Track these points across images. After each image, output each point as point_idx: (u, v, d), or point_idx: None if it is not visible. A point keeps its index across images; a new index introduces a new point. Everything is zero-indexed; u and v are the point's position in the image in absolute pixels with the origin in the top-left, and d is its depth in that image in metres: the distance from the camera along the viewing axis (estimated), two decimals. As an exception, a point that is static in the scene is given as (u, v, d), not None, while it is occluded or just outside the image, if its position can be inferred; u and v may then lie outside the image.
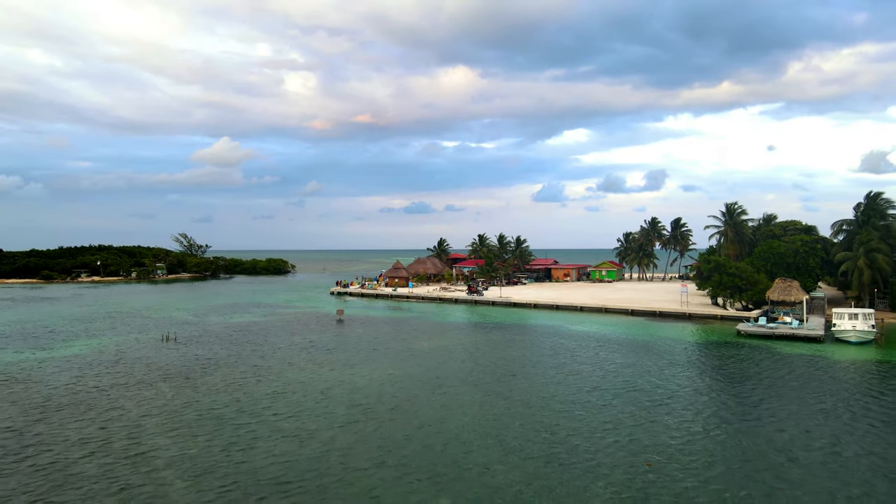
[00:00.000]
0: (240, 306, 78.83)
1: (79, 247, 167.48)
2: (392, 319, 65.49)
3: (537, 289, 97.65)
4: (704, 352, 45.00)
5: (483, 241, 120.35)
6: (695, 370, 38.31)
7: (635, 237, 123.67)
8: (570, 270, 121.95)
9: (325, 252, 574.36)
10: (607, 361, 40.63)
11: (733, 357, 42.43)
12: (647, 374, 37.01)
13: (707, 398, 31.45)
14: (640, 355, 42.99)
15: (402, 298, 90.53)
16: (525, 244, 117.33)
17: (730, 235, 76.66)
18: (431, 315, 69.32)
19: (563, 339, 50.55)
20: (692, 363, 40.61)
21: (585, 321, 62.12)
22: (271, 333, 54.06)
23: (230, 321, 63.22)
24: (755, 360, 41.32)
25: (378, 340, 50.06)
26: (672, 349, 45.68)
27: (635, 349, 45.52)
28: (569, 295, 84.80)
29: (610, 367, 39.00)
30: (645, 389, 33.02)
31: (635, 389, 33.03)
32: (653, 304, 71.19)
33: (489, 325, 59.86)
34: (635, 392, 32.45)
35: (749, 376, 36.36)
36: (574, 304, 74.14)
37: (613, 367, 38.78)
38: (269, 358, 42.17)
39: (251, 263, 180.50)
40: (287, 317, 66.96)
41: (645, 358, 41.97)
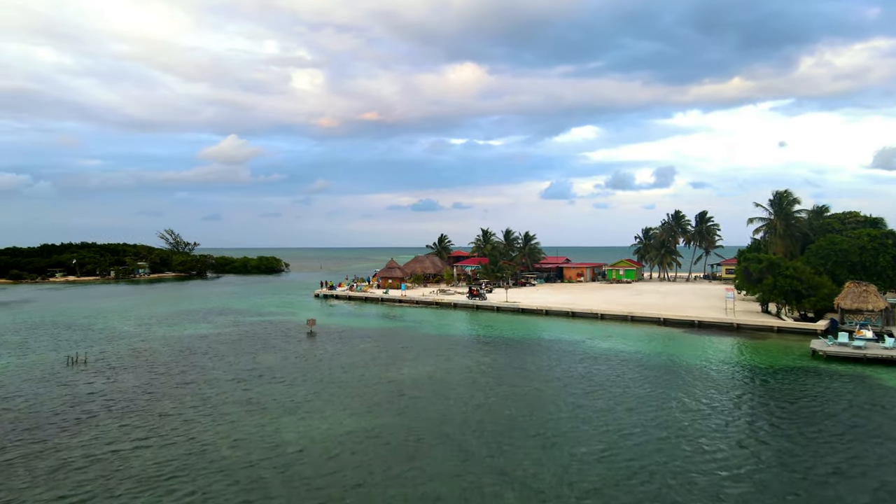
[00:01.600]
0: (203, 313, 67.75)
1: (58, 244, 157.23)
2: (375, 331, 54.15)
3: (548, 291, 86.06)
4: (778, 385, 33.28)
5: (487, 238, 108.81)
6: (782, 418, 26.68)
7: (656, 233, 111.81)
8: (584, 270, 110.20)
9: (332, 250, 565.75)
10: (653, 404, 29.09)
11: (822, 395, 30.73)
12: (715, 433, 25.42)
13: (812, 480, 19.86)
14: (692, 392, 31.39)
15: (394, 303, 79.19)
16: (534, 241, 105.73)
17: (779, 229, 64.73)
18: (424, 324, 57.98)
19: (586, 362, 39.02)
20: (768, 406, 28.95)
21: (609, 334, 50.58)
22: (217, 353, 42.87)
23: (178, 334, 52.10)
24: (855, 401, 29.63)
25: (348, 364, 38.75)
26: (732, 380, 34.07)
27: (682, 379, 33.92)
28: (585, 299, 73.19)
29: (661, 419, 27.46)
30: (720, 467, 21.47)
31: (705, 471, 21.47)
32: (688, 311, 59.50)
33: (492, 341, 48.41)
34: (710, 478, 20.91)
35: (867, 432, 24.73)
36: (593, 311, 62.55)
37: (665, 420, 27.23)
38: (186, 397, 30.92)
39: (242, 262, 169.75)
40: (251, 327, 55.79)
41: (700, 397, 30.37)
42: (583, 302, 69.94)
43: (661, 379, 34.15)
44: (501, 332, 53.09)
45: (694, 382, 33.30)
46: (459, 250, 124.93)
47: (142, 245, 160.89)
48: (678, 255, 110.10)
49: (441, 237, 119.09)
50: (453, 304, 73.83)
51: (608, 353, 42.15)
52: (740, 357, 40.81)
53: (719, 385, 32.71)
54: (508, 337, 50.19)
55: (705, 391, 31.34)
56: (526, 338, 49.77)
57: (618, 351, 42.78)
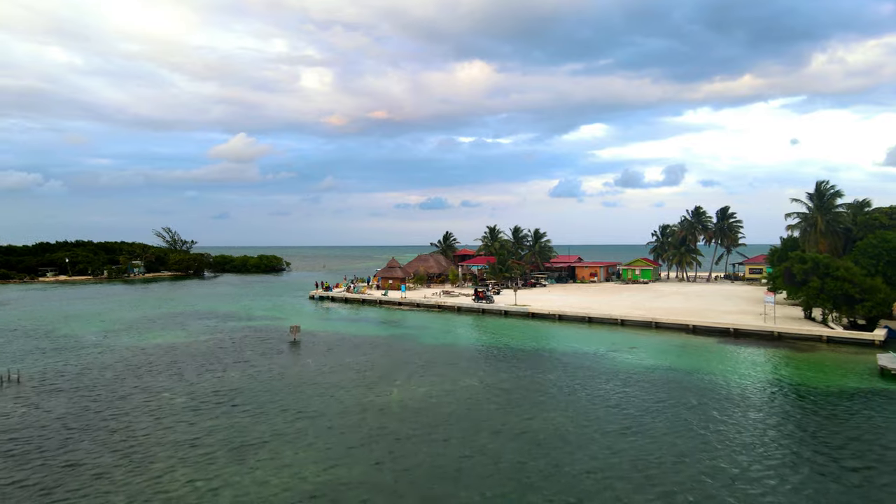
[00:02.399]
0: (183, 317, 61.89)
1: (52, 243, 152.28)
2: (368, 341, 47.98)
3: (560, 292, 79.63)
4: (851, 416, 26.79)
5: (495, 235, 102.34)
6: (870, 467, 20.25)
7: (674, 230, 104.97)
8: (598, 269, 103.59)
9: (341, 248, 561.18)
10: (707, 448, 22.70)
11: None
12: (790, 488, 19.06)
13: None
14: (750, 428, 24.96)
15: (393, 305, 73.03)
16: (545, 239, 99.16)
17: (820, 225, 57.90)
18: (423, 332, 51.79)
19: (613, 383, 32.66)
20: (850, 448, 22.52)
21: (633, 344, 44.18)
22: (178, 369, 36.86)
23: (144, 344, 46.18)
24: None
25: (329, 385, 32.62)
26: (795, 408, 27.62)
27: (734, 409, 27.50)
28: (602, 302, 66.72)
29: (725, 476, 21.09)
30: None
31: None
32: (720, 317, 52.94)
33: (499, 354, 42.09)
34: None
35: None
36: (612, 317, 56.12)
37: (734, 479, 20.86)
38: (114, 435, 24.87)
39: (241, 261, 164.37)
40: (229, 335, 49.80)
41: (768, 437, 23.97)
42: (599, 305, 63.49)
43: (709, 408, 27.74)
44: (510, 341, 46.79)
45: (749, 413, 26.89)
46: (466, 248, 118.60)
47: (137, 243, 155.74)
48: (698, 254, 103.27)
49: (446, 234, 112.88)
50: (457, 307, 67.57)
51: (637, 370, 35.74)
52: (791, 374, 34.30)
53: (783, 414, 26.30)
54: (518, 348, 43.88)
55: (765, 426, 24.93)
56: (538, 349, 43.44)
57: (648, 367, 36.37)
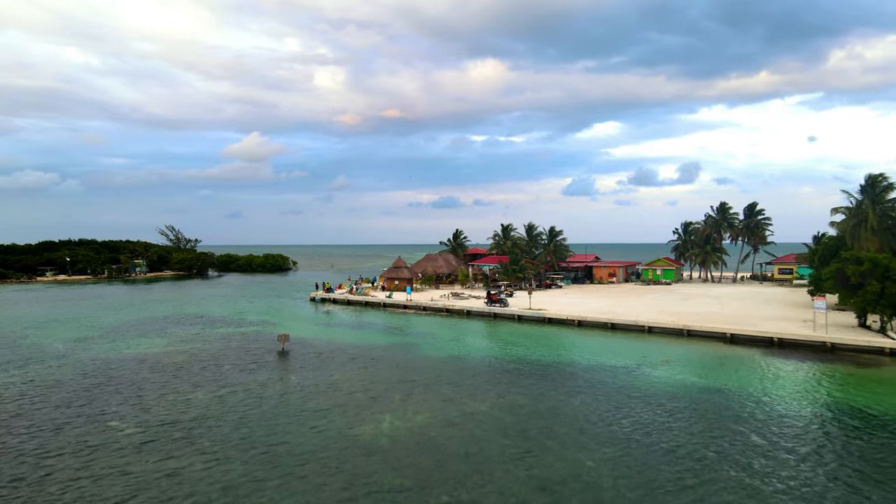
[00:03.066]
0: (168, 322, 57.10)
1: (56, 241, 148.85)
2: (365, 351, 42.77)
3: (578, 294, 73.97)
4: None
5: (508, 233, 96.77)
6: None
7: (698, 228, 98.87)
8: (616, 269, 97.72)
9: (353, 247, 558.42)
10: None
11: None
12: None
13: None
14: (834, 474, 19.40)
15: (398, 309, 67.80)
16: (560, 237, 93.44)
17: (872, 221, 51.76)
18: (428, 340, 46.52)
19: (649, 408, 27.08)
20: None
21: (666, 356, 38.57)
22: (140, 388, 31.89)
23: (112, 355, 41.28)
24: None
25: (310, 411, 27.41)
26: (872, 443, 21.99)
27: (799, 439, 21.91)
28: (624, 305, 61.02)
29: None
30: None
31: None
32: (760, 324, 47.09)
33: (512, 369, 36.67)
34: None
35: None
36: (638, 323, 50.52)
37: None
38: (22, 487, 19.84)
39: (246, 260, 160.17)
40: (211, 345, 44.80)
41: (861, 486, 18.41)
42: (622, 309, 57.84)
43: (779, 451, 22.17)
44: (525, 352, 41.36)
45: (827, 454, 21.30)
46: (477, 247, 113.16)
47: (140, 241, 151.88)
48: (724, 253, 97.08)
49: (456, 233, 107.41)
50: (467, 311, 62.19)
51: (676, 391, 30.16)
52: (861, 399, 28.59)
53: (862, 454, 20.69)
54: (535, 361, 38.44)
55: (850, 469, 19.35)
56: (558, 363, 37.97)
57: (688, 388, 30.79)
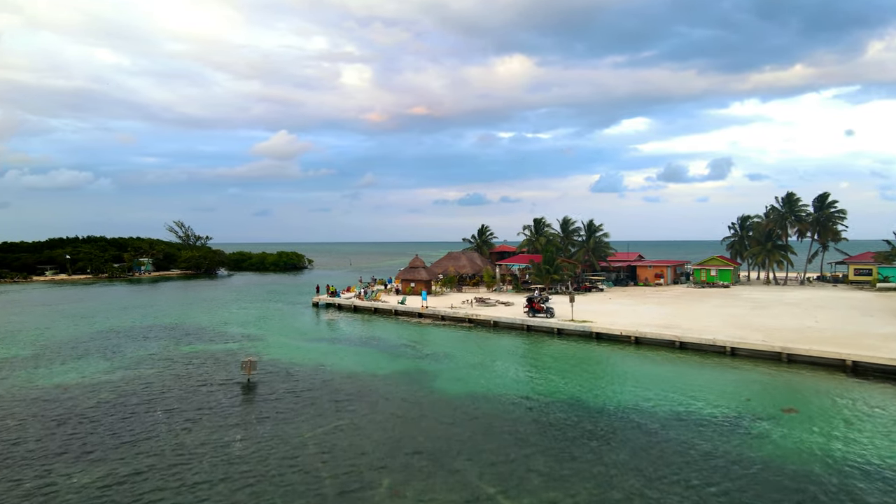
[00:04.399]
0: (131, 335, 47.38)
1: (63, 238, 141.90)
2: (357, 385, 32.15)
3: (624, 298, 62.33)
4: None
5: (540, 229, 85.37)
6: None
7: (757, 222, 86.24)
8: (664, 269, 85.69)
9: (379, 244, 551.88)
10: None
11: None
12: None
13: None
14: None
15: (412, 318, 57.14)
16: (600, 232, 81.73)
17: None
18: (445, 367, 35.71)
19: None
20: None
21: (776, 398, 27.04)
22: (38, 444, 21.80)
23: (36, 385, 31.40)
24: None
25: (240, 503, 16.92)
26: None
27: None
28: (686, 315, 49.37)
29: None
30: None
31: None
32: (886, 346, 35.18)
33: (561, 421, 25.52)
34: None
35: None
36: (714, 342, 38.96)
37: None
38: None
39: (259, 258, 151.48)
40: (164, 370, 34.65)
41: None
42: (685, 321, 46.30)
43: None
44: (574, 387, 30.25)
45: None
46: (505, 245, 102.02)
47: (145, 238, 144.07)
48: (790, 251, 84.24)
49: (482, 228, 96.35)
50: (493, 321, 51.22)
51: (842, 479, 18.79)
52: None
53: None
54: (588, 404, 27.32)
55: None
56: (623, 407, 26.76)
57: (855, 468, 19.41)
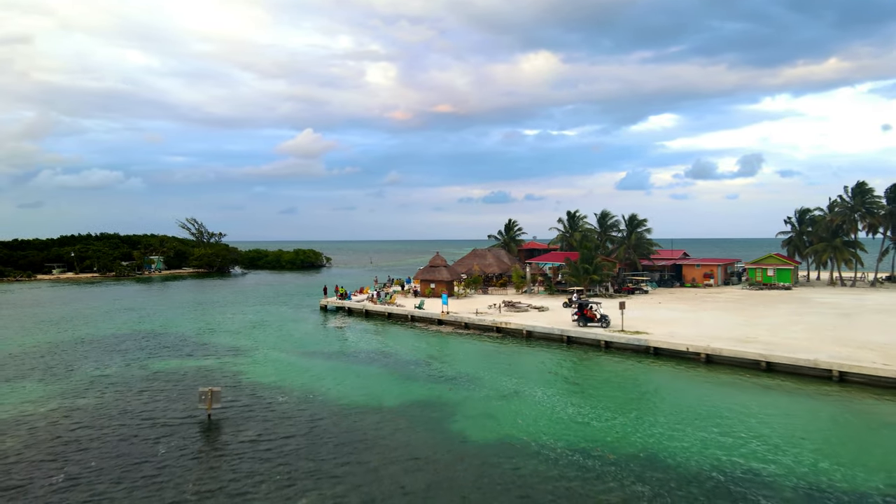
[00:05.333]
0: (93, 348, 40.46)
1: (73, 235, 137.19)
2: (353, 423, 24.46)
3: (674, 302, 53.58)
4: None
5: (575, 223, 76.81)
6: None
7: (821, 216, 76.49)
8: (714, 269, 76.49)
9: (404, 242, 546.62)
10: None
11: None
12: None
13: None
14: None
15: (431, 325, 49.32)
16: (643, 227, 72.84)
17: None
18: (468, 396, 27.80)
19: None
20: None
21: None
22: None
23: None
24: None
25: None
26: None
27: None
28: (759, 324, 40.56)
29: None
30: None
31: None
32: None
33: (630, 491, 17.41)
34: None
35: None
36: (813, 364, 30.29)
37: None
38: None
39: (275, 256, 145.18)
40: (109, 402, 27.28)
41: None
42: (762, 332, 37.64)
43: None
44: (638, 432, 21.95)
45: None
46: (534, 241, 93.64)
47: (156, 235, 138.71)
48: (861, 249, 74.34)
49: (509, 223, 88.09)
50: (526, 331, 43.08)
51: None
52: None
53: None
54: (660, 460, 19.08)
55: None
56: (712, 469, 18.50)
57: None
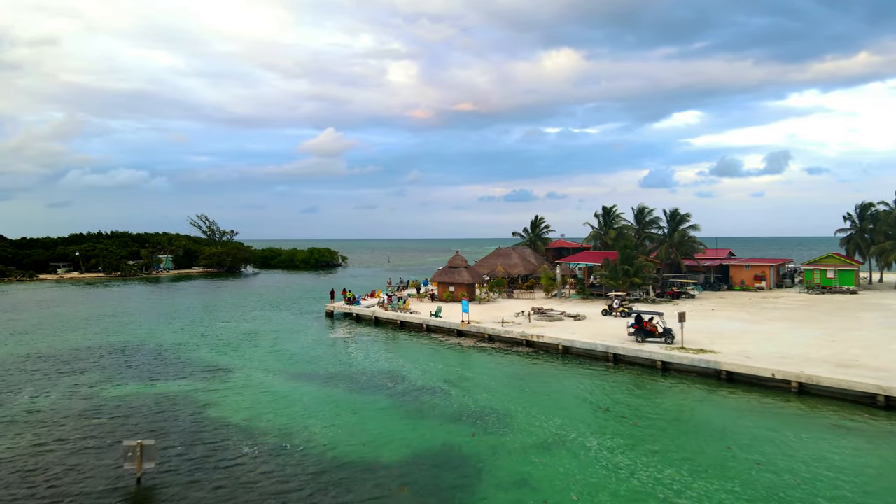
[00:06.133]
0: (59, 360, 34.46)
1: (83, 234, 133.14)
2: (352, 484, 17.82)
3: (731, 310, 45.97)
4: None
5: (610, 219, 69.28)
6: None
7: (887, 212, 68.14)
8: (766, 270, 68.41)
9: (424, 241, 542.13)
10: None
11: None
12: None
13: None
14: None
15: (450, 336, 42.50)
16: (686, 224, 65.08)
17: None
18: (501, 436, 20.96)
19: None
20: None
21: None
22: None
23: None
24: None
25: None
26: None
27: None
28: (849, 340, 32.93)
29: None
30: None
31: None
32: None
33: None
34: None
35: None
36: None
37: None
38: None
39: (289, 255, 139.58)
40: (30, 451, 21.11)
41: None
42: (855, 348, 30.16)
43: None
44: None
45: None
46: (562, 240, 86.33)
47: (164, 234, 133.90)
48: (936, 247, 65.70)
49: (535, 220, 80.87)
50: (562, 346, 36.04)
51: None
52: None
53: None
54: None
55: None
56: None
57: None
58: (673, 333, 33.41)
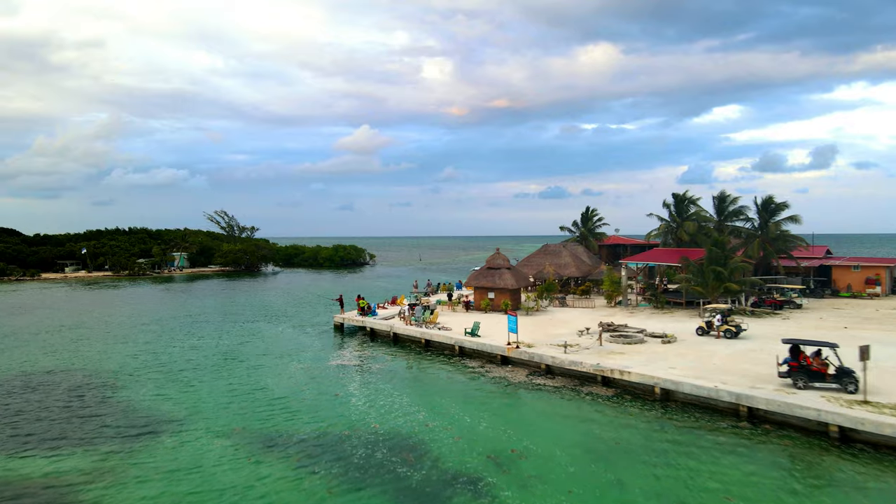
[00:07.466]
0: None
1: (100, 230, 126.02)
2: None
3: (868, 328, 33.17)
4: None
5: (683, 208, 56.58)
6: None
7: None
8: (882, 272, 54.81)
9: (459, 238, 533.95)
10: None
11: None
12: None
13: None
14: None
15: (491, 364, 31.05)
16: (782, 214, 52.03)
17: None
18: None
19: None
20: None
21: None
22: None
23: None
24: None
25: None
26: None
27: None
28: None
29: None
30: None
31: None
32: None
33: None
34: None
35: None
36: None
37: None
38: None
39: (312, 252, 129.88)
40: None
41: None
42: None
43: None
44: None
45: None
46: (617, 236, 73.82)
47: (179, 230, 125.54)
48: None
49: (587, 211, 68.71)
50: (661, 389, 24.24)
51: None
52: None
53: None
54: None
55: None
56: None
57: None
58: (856, 376, 21.22)
